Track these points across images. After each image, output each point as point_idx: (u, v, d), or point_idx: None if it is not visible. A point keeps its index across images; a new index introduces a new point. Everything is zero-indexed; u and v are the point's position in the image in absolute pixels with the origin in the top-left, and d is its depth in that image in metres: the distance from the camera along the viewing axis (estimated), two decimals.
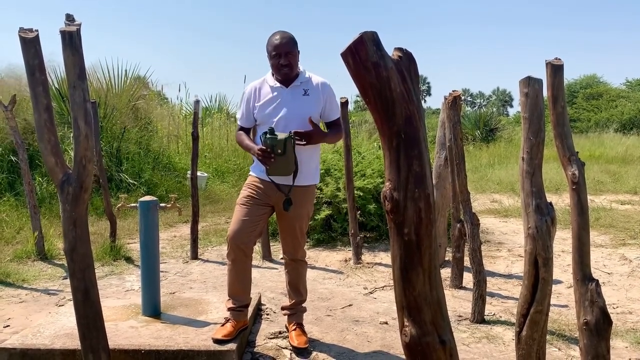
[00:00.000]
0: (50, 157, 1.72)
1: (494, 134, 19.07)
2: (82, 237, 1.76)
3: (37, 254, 5.01)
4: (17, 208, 6.69)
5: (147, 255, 3.08)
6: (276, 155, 2.66)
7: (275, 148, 2.65)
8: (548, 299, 1.79)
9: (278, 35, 2.77)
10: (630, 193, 8.91)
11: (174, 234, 6.27)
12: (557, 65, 1.87)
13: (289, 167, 2.72)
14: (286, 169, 2.73)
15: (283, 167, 2.71)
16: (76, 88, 1.70)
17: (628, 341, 3.10)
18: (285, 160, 2.69)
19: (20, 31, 1.69)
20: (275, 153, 2.66)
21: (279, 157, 2.67)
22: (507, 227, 6.53)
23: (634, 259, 4.92)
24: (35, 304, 3.80)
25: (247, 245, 2.80)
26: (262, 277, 4.49)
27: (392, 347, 3.00)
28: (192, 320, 3.04)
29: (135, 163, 8.71)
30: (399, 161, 1.26)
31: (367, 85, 1.24)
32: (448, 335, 1.32)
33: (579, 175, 1.86)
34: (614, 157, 13.71)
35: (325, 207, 5.61)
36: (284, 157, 2.67)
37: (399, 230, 1.28)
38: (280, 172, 2.74)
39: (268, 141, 2.65)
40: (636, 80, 31.06)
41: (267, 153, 2.66)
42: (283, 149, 2.66)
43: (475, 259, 3.51)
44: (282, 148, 2.65)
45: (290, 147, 2.68)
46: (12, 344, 2.68)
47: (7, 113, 4.91)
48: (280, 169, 2.72)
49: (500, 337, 3.18)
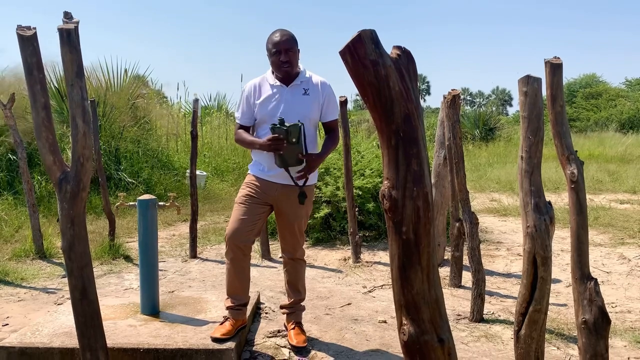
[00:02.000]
0: (48, 155, 1.71)
1: (493, 133, 19.08)
2: (80, 236, 1.75)
3: (36, 252, 5.01)
4: (16, 206, 6.69)
5: (146, 254, 3.08)
6: (289, 144, 2.64)
7: (290, 136, 2.64)
8: (547, 298, 1.79)
9: (278, 33, 2.77)
10: (629, 192, 8.91)
11: (172, 233, 6.27)
12: (556, 64, 1.87)
13: (299, 157, 2.71)
14: (296, 159, 2.71)
15: (293, 157, 2.69)
16: (74, 86, 1.70)
17: (627, 340, 3.11)
18: (297, 149, 2.68)
19: (18, 29, 1.69)
20: (289, 142, 2.64)
21: (291, 146, 2.65)
22: (506, 226, 6.53)
23: (633, 258, 4.92)
24: (33, 302, 3.80)
25: (245, 244, 2.80)
26: (261, 275, 4.49)
27: (390, 346, 3.00)
28: (191, 318, 3.04)
29: (134, 162, 8.71)
30: (397, 160, 1.25)
31: (365, 84, 1.24)
32: (446, 334, 1.32)
33: (578, 174, 1.86)
34: (613, 156, 13.72)
35: (325, 206, 5.61)
36: (297, 145, 2.66)
37: (398, 229, 1.27)
38: (290, 162, 2.71)
39: (290, 128, 2.62)
40: (636, 79, 31.05)
41: (280, 140, 2.63)
42: (297, 138, 2.65)
43: (474, 257, 3.51)
44: (297, 136, 2.65)
45: (302, 136, 2.68)
46: (10, 343, 2.68)
47: (5, 112, 4.91)
48: (291, 158, 2.70)
49: (499, 336, 3.18)
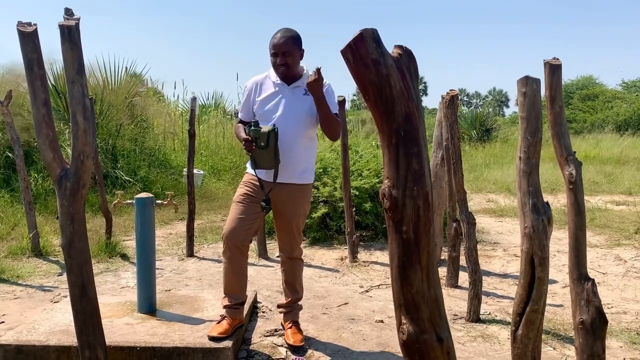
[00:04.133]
0: (48, 152, 1.71)
1: (489, 134, 19.12)
2: (79, 233, 1.75)
3: (32, 250, 4.99)
4: (12, 204, 6.67)
5: (143, 252, 3.08)
6: (258, 148, 2.69)
7: (258, 140, 2.68)
8: (544, 298, 1.79)
9: (279, 34, 2.76)
10: (625, 194, 8.95)
11: (169, 232, 6.26)
12: (555, 65, 1.87)
13: (271, 161, 2.75)
14: (269, 163, 2.75)
15: (266, 160, 2.74)
16: (75, 83, 1.69)
17: (623, 341, 3.12)
18: (268, 154, 2.72)
19: (19, 25, 1.68)
20: (257, 145, 2.69)
21: (261, 150, 2.70)
22: (503, 227, 6.55)
23: (629, 260, 4.94)
24: (30, 300, 3.79)
25: (243, 243, 2.80)
26: (258, 275, 4.49)
27: (387, 346, 3.01)
28: (188, 317, 3.03)
29: (131, 160, 8.69)
30: (398, 159, 1.26)
31: (366, 83, 1.24)
32: (445, 333, 1.33)
33: (576, 175, 1.87)
34: (609, 158, 13.76)
35: (322, 206, 5.61)
36: (266, 150, 2.70)
37: (398, 228, 1.28)
38: (264, 165, 2.77)
39: (252, 133, 2.68)
40: (632, 81, 31.19)
41: (249, 143, 2.69)
42: (266, 142, 2.68)
43: (471, 258, 3.51)
44: (265, 141, 2.68)
45: (272, 141, 2.70)
46: (6, 340, 2.67)
47: (2, 108, 4.89)
48: (264, 161, 2.75)
49: (496, 336, 3.19)
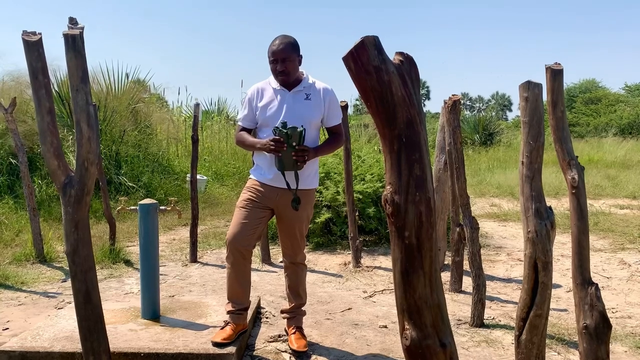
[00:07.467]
0: (53, 160, 1.72)
1: (493, 138, 19.09)
2: (83, 240, 1.76)
3: (36, 256, 5.01)
4: (17, 210, 6.69)
5: (147, 258, 3.09)
6: (289, 147, 2.66)
7: (291, 139, 2.65)
8: (548, 303, 1.79)
9: (277, 41, 2.77)
10: (629, 197, 8.92)
11: (173, 237, 6.27)
12: (557, 70, 1.88)
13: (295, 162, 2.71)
14: (294, 164, 2.71)
15: (292, 161, 2.70)
16: (79, 91, 1.71)
17: (627, 345, 3.11)
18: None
19: (24, 34, 1.70)
20: (289, 145, 2.65)
21: (291, 150, 2.66)
22: (506, 231, 6.54)
23: (633, 264, 4.93)
24: (34, 306, 3.80)
25: (246, 249, 2.80)
26: (262, 280, 4.49)
27: (391, 351, 3.00)
28: (192, 323, 3.04)
29: (135, 166, 8.72)
30: (400, 165, 1.26)
31: (368, 89, 1.25)
32: (448, 339, 1.33)
33: (579, 180, 1.87)
34: (612, 161, 13.72)
35: (325, 211, 5.61)
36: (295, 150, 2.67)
37: (400, 234, 1.28)
38: (288, 166, 2.72)
39: (289, 131, 2.64)
40: (635, 85, 31.11)
41: (280, 143, 2.65)
42: (298, 142, 2.67)
43: (474, 262, 3.51)
44: (298, 141, 2.66)
45: (303, 141, 2.69)
46: (11, 347, 2.68)
47: (7, 115, 4.92)
48: (289, 162, 2.70)
49: (500, 341, 3.18)
